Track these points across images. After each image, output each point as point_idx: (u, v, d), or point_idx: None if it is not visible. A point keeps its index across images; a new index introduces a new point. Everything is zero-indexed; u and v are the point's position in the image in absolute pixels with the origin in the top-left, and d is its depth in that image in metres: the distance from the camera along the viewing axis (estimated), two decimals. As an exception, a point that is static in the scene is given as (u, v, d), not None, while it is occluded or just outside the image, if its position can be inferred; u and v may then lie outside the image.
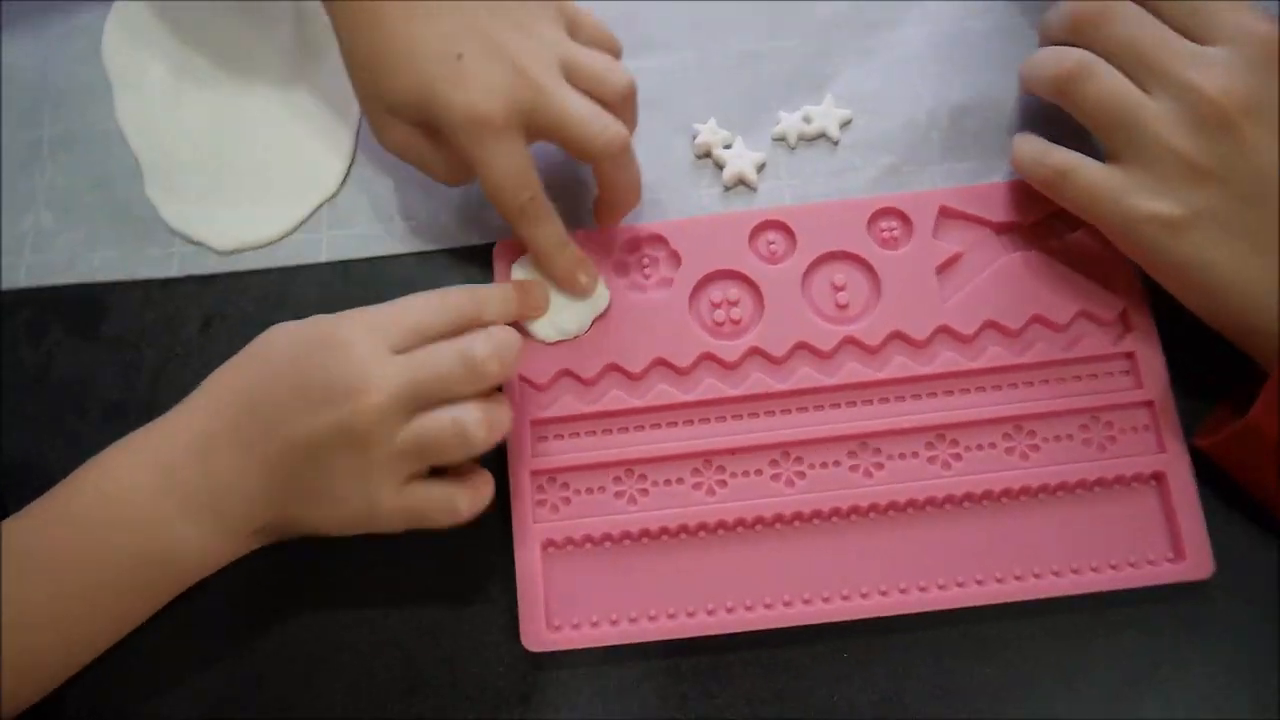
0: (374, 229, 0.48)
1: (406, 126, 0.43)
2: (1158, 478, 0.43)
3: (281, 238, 0.48)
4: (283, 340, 0.41)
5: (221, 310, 0.48)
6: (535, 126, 0.41)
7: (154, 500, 0.39)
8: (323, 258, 0.48)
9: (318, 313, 0.44)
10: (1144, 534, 0.42)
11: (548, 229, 0.43)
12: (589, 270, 0.45)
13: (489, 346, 0.39)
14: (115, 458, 0.40)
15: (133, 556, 0.39)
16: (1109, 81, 0.40)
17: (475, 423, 0.39)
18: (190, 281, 0.48)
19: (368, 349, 0.39)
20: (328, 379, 0.38)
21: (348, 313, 0.41)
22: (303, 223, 0.48)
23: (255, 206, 0.49)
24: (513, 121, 0.40)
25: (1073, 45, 0.42)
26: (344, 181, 0.49)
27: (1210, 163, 0.38)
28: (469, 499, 0.40)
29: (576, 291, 0.44)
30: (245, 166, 0.49)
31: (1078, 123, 0.42)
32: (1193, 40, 0.40)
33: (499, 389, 0.41)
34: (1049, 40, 0.43)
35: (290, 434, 0.38)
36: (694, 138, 0.48)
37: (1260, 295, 0.38)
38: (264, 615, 0.44)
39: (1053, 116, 0.44)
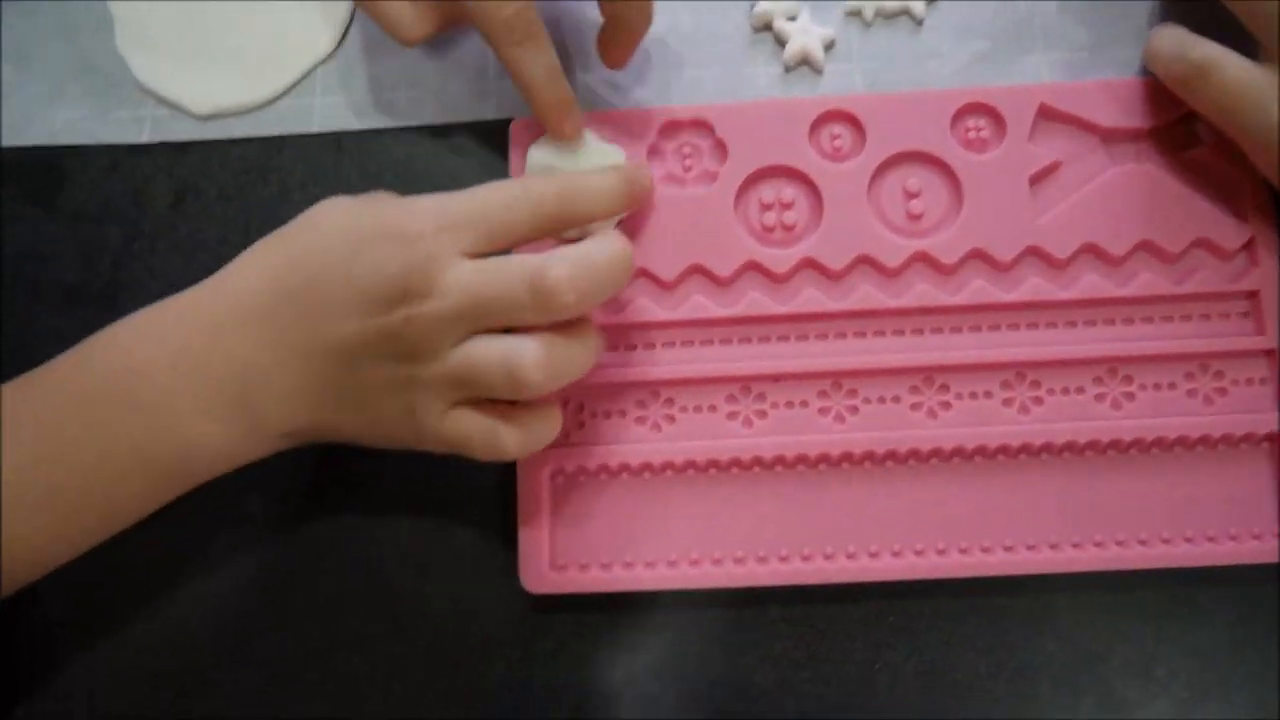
0: (373, 98, 0.43)
1: None
2: (1272, 440, 0.38)
3: (267, 103, 0.43)
4: (340, 218, 0.35)
5: (196, 184, 0.43)
6: None
7: (170, 387, 0.34)
8: (314, 128, 0.43)
9: (304, 189, 0.39)
10: (1250, 504, 0.38)
11: (538, 52, 0.37)
12: (576, 116, 0.39)
13: (564, 270, 0.33)
14: (127, 334, 0.35)
15: (140, 447, 0.34)
16: None
17: (531, 365, 0.33)
18: (162, 149, 0.43)
19: (438, 247, 0.33)
20: (387, 275, 0.33)
21: (418, 199, 0.35)
22: (292, 87, 0.43)
23: (239, 66, 0.43)
24: None
25: None
26: (341, 41, 0.44)
27: None
28: (518, 439, 0.35)
29: (560, 136, 0.39)
30: (229, 20, 0.44)
31: (1222, 12, 0.37)
32: None
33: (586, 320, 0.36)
34: None
35: (335, 331, 0.33)
36: (752, 6, 0.42)
37: None
38: (231, 535, 0.40)
39: (1187, 7, 0.38)
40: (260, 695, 0.38)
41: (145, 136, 0.43)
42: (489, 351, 0.33)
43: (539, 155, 0.40)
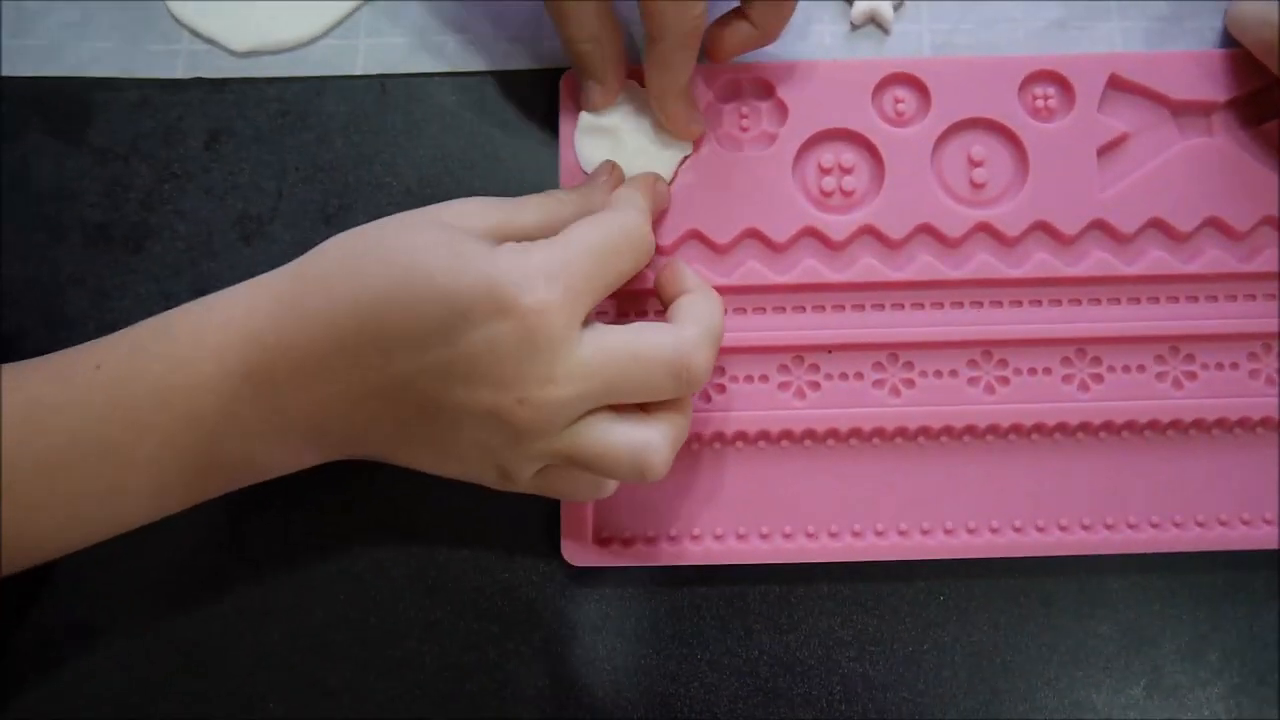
0: (421, 40, 0.41)
1: None
2: None
3: (310, 41, 0.41)
4: (440, 266, 0.29)
5: (230, 125, 0.41)
6: None
7: (239, 413, 0.31)
8: (357, 69, 0.41)
9: (344, 135, 0.37)
10: None
11: (693, 61, 0.36)
12: (699, 118, 0.38)
13: (704, 356, 0.31)
14: (186, 338, 0.31)
15: (192, 459, 0.31)
16: None
17: (661, 462, 0.31)
18: (197, 85, 0.41)
19: (558, 327, 0.29)
20: (501, 356, 0.29)
21: (521, 254, 0.30)
22: (337, 25, 0.41)
23: (280, 2, 0.41)
24: None
25: None
26: (389, -21, 0.42)
27: None
28: (615, 486, 0.33)
29: (684, 138, 0.38)
30: None
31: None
32: None
33: None
34: None
35: (431, 391, 0.30)
36: (821, -40, 0.40)
37: None
38: (269, 506, 0.38)
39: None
40: (294, 660, 0.37)
41: (179, 72, 0.41)
42: (617, 441, 0.31)
43: (593, 115, 0.38)
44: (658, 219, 0.38)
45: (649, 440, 0.30)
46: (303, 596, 0.37)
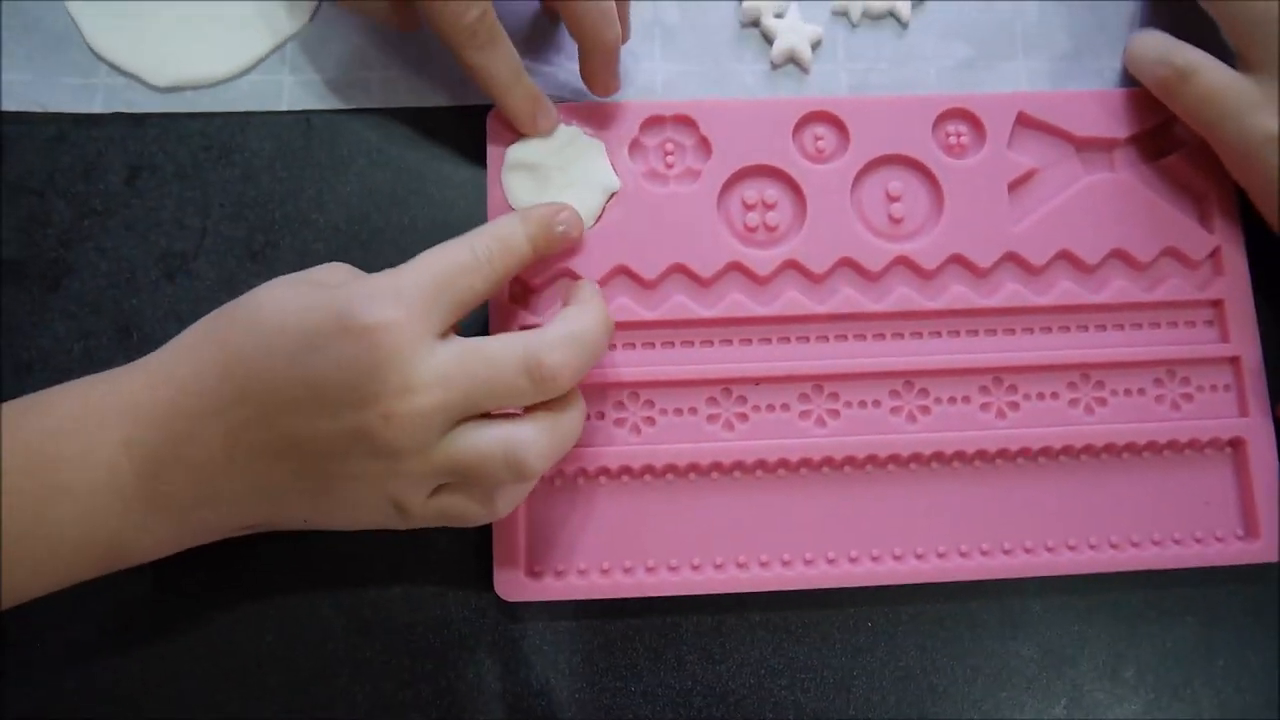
0: (346, 77, 0.41)
1: None
2: (1236, 445, 0.39)
3: (233, 77, 0.41)
4: (289, 308, 0.31)
5: (152, 160, 0.40)
6: None
7: (111, 483, 0.31)
8: (282, 105, 0.40)
9: (270, 170, 0.37)
10: (1215, 508, 0.39)
11: (500, 55, 0.36)
12: (548, 110, 0.39)
13: (560, 355, 0.32)
14: (59, 412, 0.31)
15: (67, 534, 0.31)
16: None
17: (535, 455, 0.31)
18: (116, 120, 0.40)
19: (404, 337, 0.30)
20: (354, 375, 0.30)
21: (369, 279, 0.32)
22: (260, 61, 0.41)
23: (204, 35, 0.41)
24: None
25: None
26: (314, 15, 0.41)
27: None
28: (507, 504, 0.34)
29: (534, 133, 0.38)
30: None
31: (1198, 25, 0.38)
32: None
33: None
34: None
35: (300, 431, 0.31)
36: (740, 1, 0.41)
37: None
38: (199, 546, 0.36)
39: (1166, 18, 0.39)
40: (224, 700, 0.36)
41: (98, 106, 0.40)
42: (488, 443, 0.31)
43: (519, 152, 0.38)
44: (574, 248, 0.38)
45: (520, 436, 0.31)
46: (233, 636, 0.37)
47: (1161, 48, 0.38)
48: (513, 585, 0.36)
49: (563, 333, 0.32)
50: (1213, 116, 0.37)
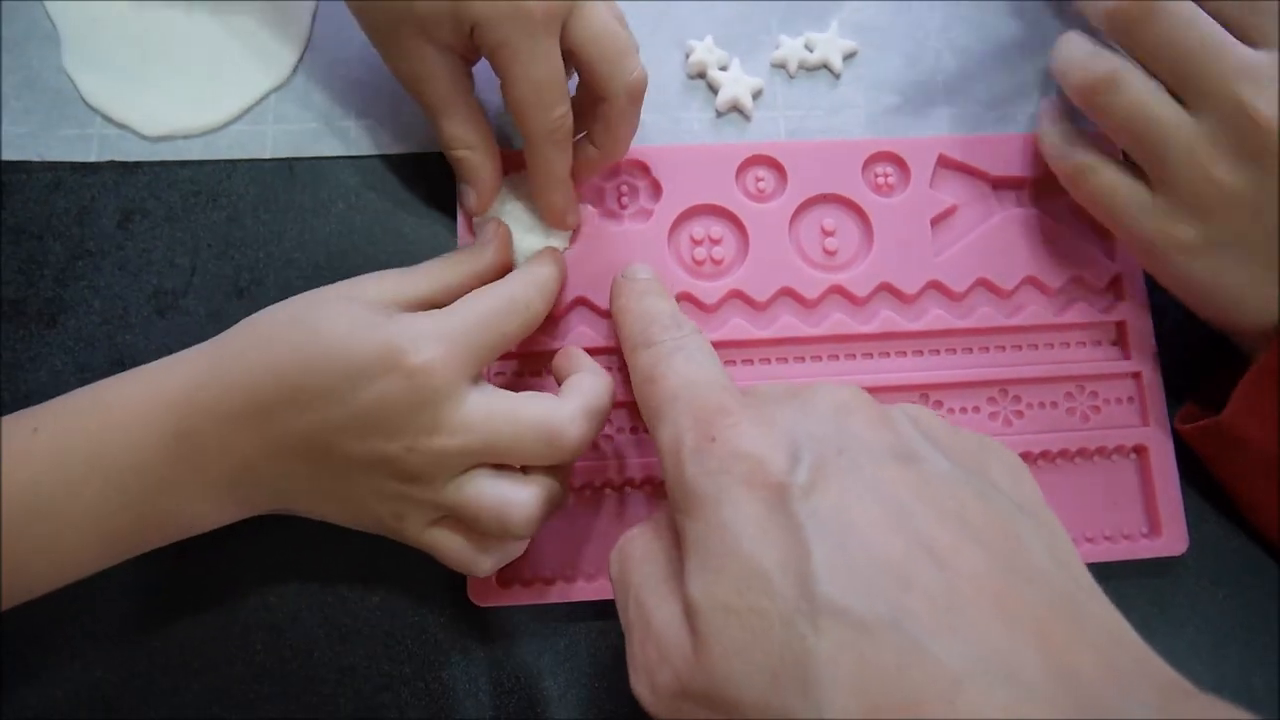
0: (327, 125, 0.44)
1: (431, 50, 0.37)
2: (1139, 451, 0.42)
3: (220, 127, 0.43)
4: (342, 332, 0.33)
5: (143, 205, 0.42)
6: (565, 38, 0.36)
7: (165, 475, 0.33)
8: (266, 153, 0.43)
9: (254, 213, 0.40)
10: (1121, 507, 0.42)
11: (566, 157, 0.39)
12: (577, 213, 0.41)
13: (580, 428, 0.34)
14: (116, 402, 0.33)
15: (123, 514, 0.33)
16: (1140, 96, 0.37)
17: (523, 520, 0.34)
18: (110, 168, 0.43)
19: (444, 382, 0.33)
20: (392, 410, 0.33)
21: (414, 318, 0.34)
22: (246, 111, 0.43)
23: (192, 88, 0.43)
24: (554, 21, 0.35)
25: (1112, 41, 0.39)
26: (296, 68, 0.44)
27: (1247, 191, 0.36)
28: (491, 565, 0.36)
29: (559, 228, 0.41)
30: (184, 41, 0.43)
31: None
32: (1247, 42, 0.36)
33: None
34: (1092, 26, 0.40)
35: (334, 443, 0.33)
36: (688, 55, 0.45)
37: (1268, 306, 0.37)
38: (186, 559, 0.38)
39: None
40: (213, 711, 0.38)
41: (93, 155, 0.42)
42: (486, 496, 0.34)
43: (505, 206, 0.41)
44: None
45: (515, 498, 0.34)
46: (221, 648, 0.39)
47: (1064, 141, 0.41)
48: (485, 592, 0.39)
49: (582, 406, 0.35)
50: (1110, 212, 0.39)
